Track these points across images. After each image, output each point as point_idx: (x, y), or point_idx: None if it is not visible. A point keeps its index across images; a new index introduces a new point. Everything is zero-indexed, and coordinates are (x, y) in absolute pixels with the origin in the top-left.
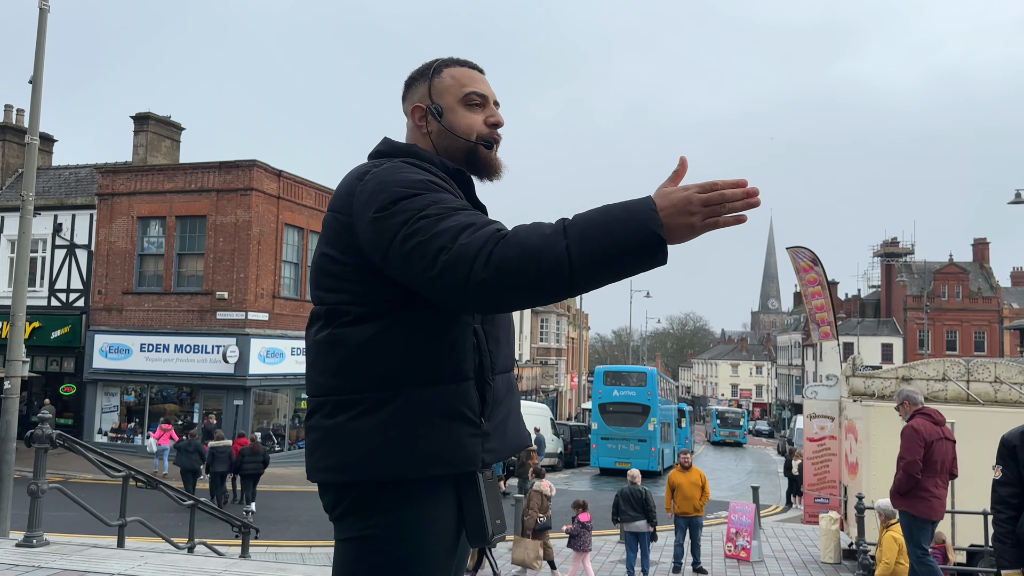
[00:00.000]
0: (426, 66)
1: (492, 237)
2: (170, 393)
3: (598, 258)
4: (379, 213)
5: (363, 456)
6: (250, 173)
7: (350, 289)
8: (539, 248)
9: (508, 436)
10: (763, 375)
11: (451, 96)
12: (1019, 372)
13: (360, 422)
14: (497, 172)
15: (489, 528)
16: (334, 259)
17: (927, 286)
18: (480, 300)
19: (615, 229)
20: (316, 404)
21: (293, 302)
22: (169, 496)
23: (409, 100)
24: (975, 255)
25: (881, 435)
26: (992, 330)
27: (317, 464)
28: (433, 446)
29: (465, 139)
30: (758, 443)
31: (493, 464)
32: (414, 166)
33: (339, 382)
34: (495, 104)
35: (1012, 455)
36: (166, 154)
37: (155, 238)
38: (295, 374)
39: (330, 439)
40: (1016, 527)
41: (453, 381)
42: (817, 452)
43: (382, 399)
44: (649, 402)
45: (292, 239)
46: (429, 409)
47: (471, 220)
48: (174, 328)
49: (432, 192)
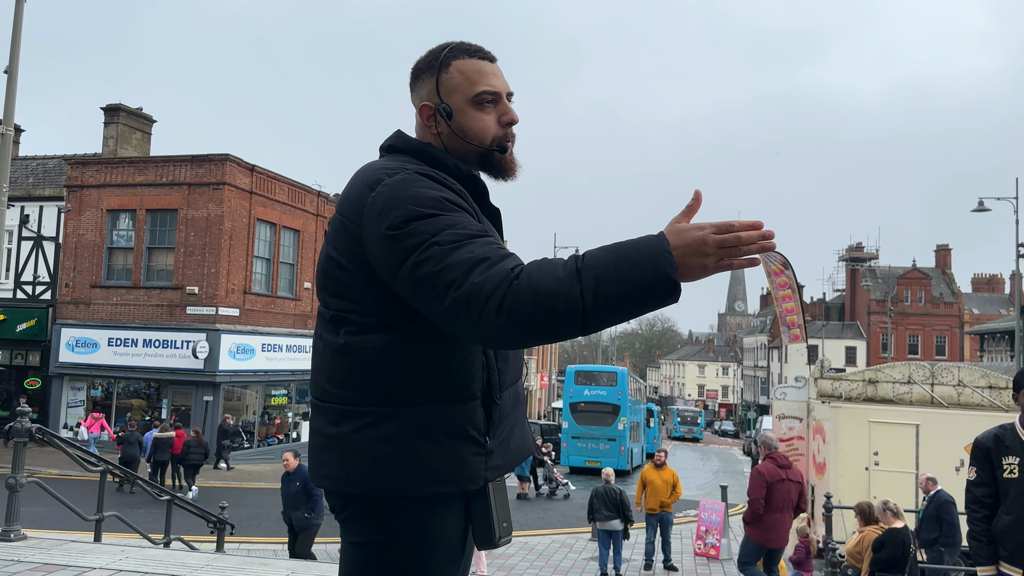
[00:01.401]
0: (433, 55)
1: (506, 279)
2: (138, 388)
3: (612, 301)
4: (390, 232)
5: (365, 470)
6: (222, 167)
7: (356, 298)
8: (553, 293)
9: (512, 449)
10: (729, 376)
11: (460, 96)
12: (981, 376)
13: (363, 435)
14: (513, 173)
15: (497, 532)
16: (340, 265)
17: (891, 291)
18: (489, 341)
19: (628, 272)
20: (322, 409)
21: (264, 298)
22: (146, 491)
23: (416, 94)
24: (937, 261)
25: (849, 436)
26: (953, 335)
27: (321, 470)
28: (435, 464)
29: (478, 145)
30: (724, 443)
31: (496, 479)
32: (429, 178)
33: (344, 392)
34: (509, 97)
35: (986, 457)
36: (137, 147)
37: (125, 231)
38: (265, 370)
39: (334, 447)
40: (991, 526)
41: (460, 400)
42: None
43: (386, 414)
44: (619, 402)
45: (264, 234)
46: (433, 427)
47: (485, 253)
48: (143, 322)
49: (447, 213)
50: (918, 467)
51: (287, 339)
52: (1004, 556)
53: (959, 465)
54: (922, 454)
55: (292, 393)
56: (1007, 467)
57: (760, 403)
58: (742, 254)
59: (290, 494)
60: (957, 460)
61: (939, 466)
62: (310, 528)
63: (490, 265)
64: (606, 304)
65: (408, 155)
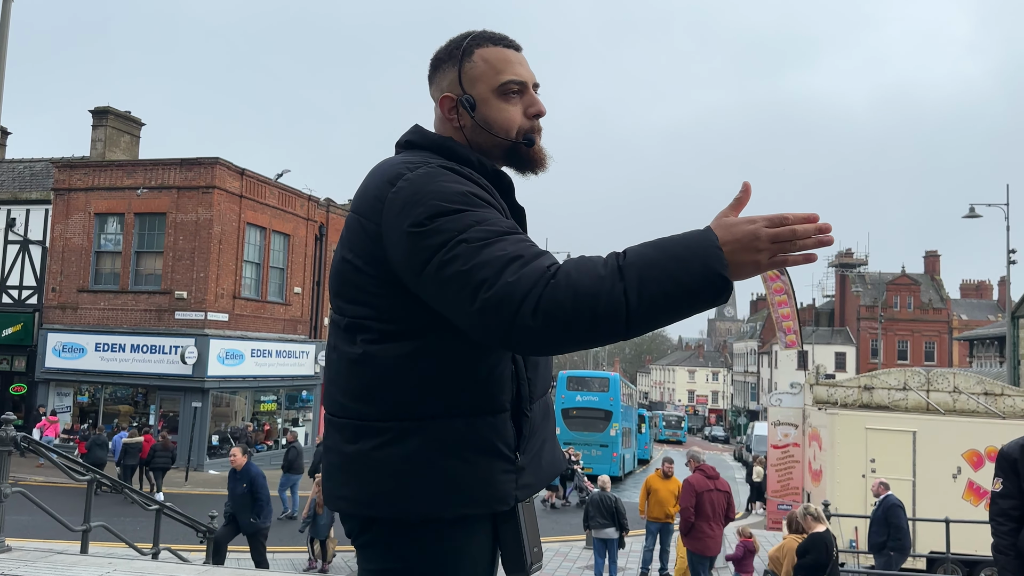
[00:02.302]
0: (455, 44)
1: (542, 277)
2: (125, 394)
3: (659, 302)
4: (414, 229)
5: (385, 490)
6: (212, 171)
7: (374, 303)
8: (594, 292)
9: (543, 466)
10: (719, 381)
11: (485, 85)
12: (977, 383)
13: (383, 452)
14: (542, 165)
15: (528, 558)
16: (357, 268)
17: (880, 296)
18: (523, 346)
19: (675, 270)
20: (337, 425)
21: (254, 303)
22: (134, 500)
23: (437, 85)
24: (926, 267)
25: (845, 443)
26: (942, 340)
27: (336, 491)
28: (462, 484)
29: (504, 137)
30: (714, 448)
31: (527, 498)
32: (453, 172)
33: (362, 406)
34: (535, 88)
35: (1012, 468)
36: (125, 150)
37: (113, 235)
38: (255, 376)
39: (351, 466)
40: (1017, 540)
41: (488, 413)
42: (781, 459)
43: (408, 429)
44: (612, 408)
45: (254, 239)
46: (461, 443)
47: (518, 251)
48: (131, 327)
49: (474, 209)
50: (915, 474)
51: (277, 344)
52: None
53: (956, 472)
54: (919, 461)
55: (282, 399)
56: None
57: (750, 408)
58: (797, 249)
59: (236, 494)
60: (954, 467)
61: (936, 473)
62: (258, 533)
63: (524, 263)
64: (652, 305)
65: (427, 150)
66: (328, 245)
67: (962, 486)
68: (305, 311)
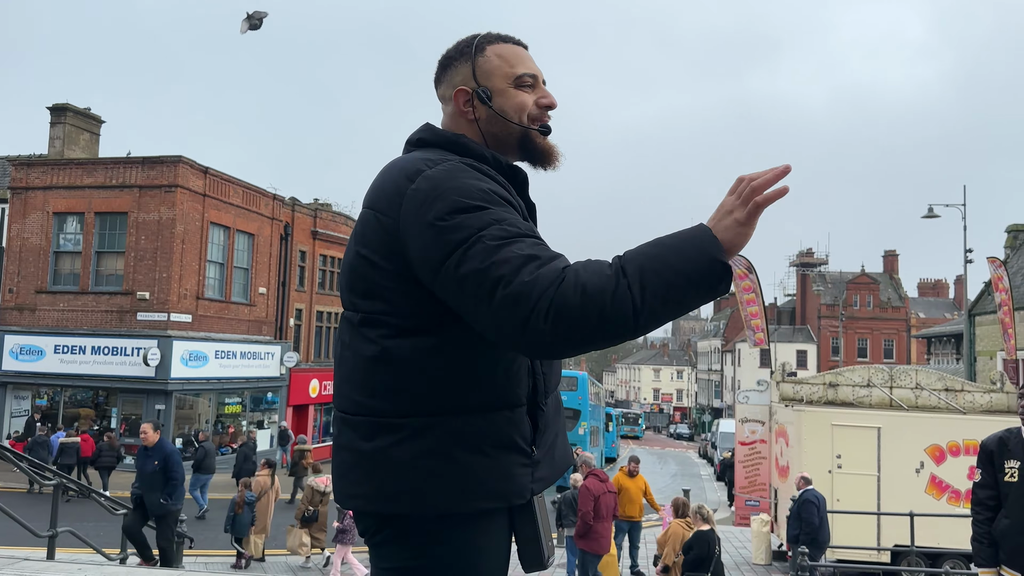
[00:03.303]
0: (465, 43)
1: (556, 279)
2: (85, 397)
3: (661, 294)
4: (434, 224)
5: (405, 486)
6: (175, 169)
7: (392, 298)
8: (600, 291)
9: (556, 460)
10: (684, 380)
11: (500, 78)
12: (938, 379)
13: (402, 449)
14: (554, 160)
15: (545, 552)
16: (373, 263)
17: (840, 295)
18: (533, 348)
19: (674, 260)
20: (352, 423)
21: (218, 303)
22: (101, 505)
23: (448, 83)
24: (885, 266)
25: (812, 439)
26: (900, 338)
27: (350, 490)
28: (482, 479)
29: (519, 124)
30: (679, 446)
31: (542, 492)
32: (471, 168)
33: (379, 403)
34: (543, 83)
35: (989, 460)
36: (85, 148)
37: (72, 235)
38: (219, 378)
39: (366, 463)
40: (992, 528)
41: (507, 408)
42: (748, 456)
43: (428, 425)
44: (580, 407)
45: (218, 238)
46: (480, 438)
47: (535, 251)
48: (91, 329)
49: (494, 207)
50: (879, 469)
51: (241, 346)
52: (1003, 559)
53: (919, 467)
54: (883, 456)
55: (246, 401)
56: (1008, 471)
57: (714, 406)
58: (762, 192)
59: (146, 472)
60: (917, 462)
61: (900, 468)
62: (168, 516)
63: (540, 264)
64: (655, 298)
65: (441, 148)
66: (293, 244)
67: (925, 480)
68: (270, 312)
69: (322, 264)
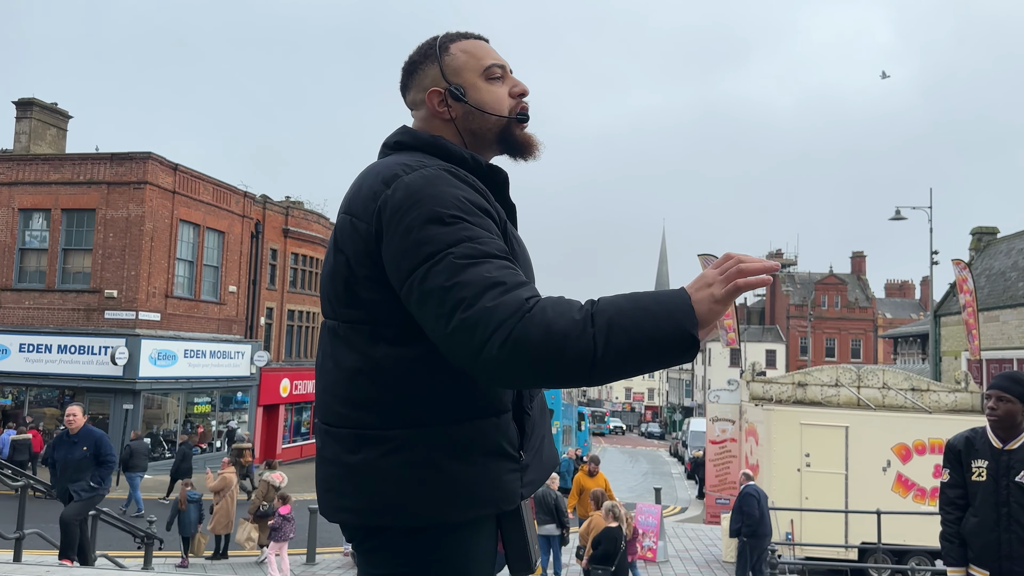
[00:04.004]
0: (427, 46)
1: (519, 310)
2: (51, 396)
3: (624, 352)
4: (407, 234)
5: (394, 499)
6: (144, 166)
7: (369, 306)
8: (564, 334)
9: (544, 462)
10: (655, 379)
11: (470, 72)
12: (904, 379)
13: (389, 461)
14: (534, 150)
15: (533, 557)
16: (351, 270)
17: (809, 296)
18: (486, 374)
19: (645, 322)
20: (335, 436)
21: (187, 302)
22: None
23: (417, 87)
24: (853, 267)
25: (781, 438)
26: (868, 338)
27: (337, 503)
28: (472, 487)
29: (497, 115)
30: (650, 444)
31: (530, 496)
32: (450, 175)
33: (363, 414)
34: (511, 72)
35: (957, 459)
36: (51, 143)
37: (38, 232)
38: (188, 377)
39: (354, 477)
40: (960, 527)
41: (493, 414)
42: (719, 454)
43: (414, 436)
44: (553, 406)
45: (188, 236)
46: (468, 446)
47: (502, 277)
48: (57, 327)
49: (469, 220)
50: (847, 468)
51: (211, 345)
52: (972, 558)
53: (886, 465)
54: (851, 455)
55: (216, 401)
56: (976, 470)
57: (685, 405)
58: (746, 276)
59: (73, 460)
60: (884, 460)
61: (867, 466)
62: (93, 498)
63: (504, 291)
64: (617, 355)
65: (419, 151)
66: (264, 242)
67: (891, 478)
68: (240, 310)
69: (293, 262)
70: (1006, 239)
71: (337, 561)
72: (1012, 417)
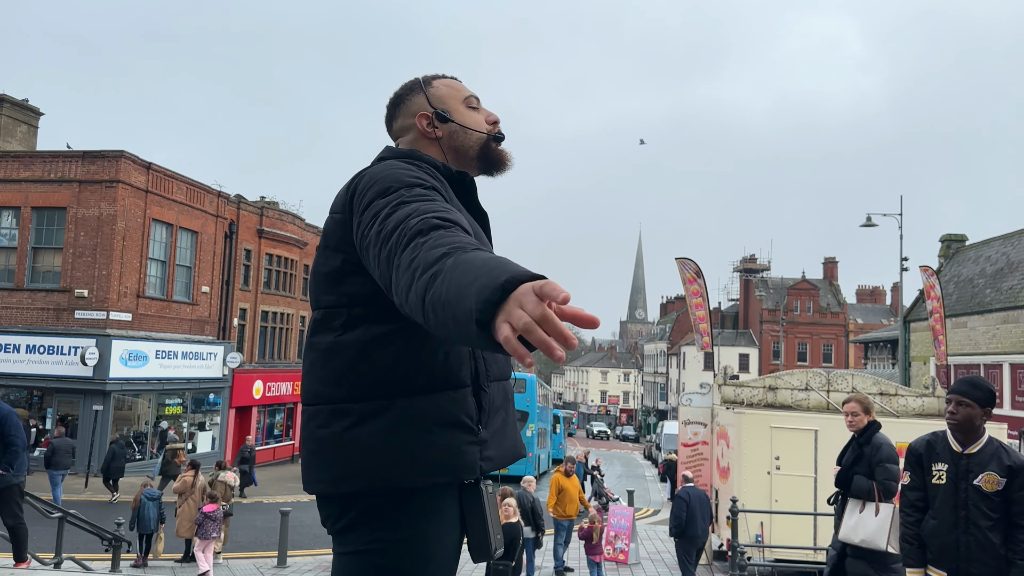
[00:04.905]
0: (410, 83)
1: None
2: (19, 397)
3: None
4: (367, 207)
5: (361, 466)
6: (117, 164)
7: (346, 290)
8: (428, 260)
9: (506, 445)
10: (630, 382)
11: (453, 100)
12: (873, 383)
13: (357, 431)
14: (507, 164)
15: (493, 544)
16: (328, 259)
17: (781, 300)
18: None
19: (463, 280)
20: (311, 413)
21: (159, 302)
22: (36, 508)
23: (405, 114)
24: (825, 273)
25: (752, 441)
26: (839, 343)
27: (314, 475)
28: (433, 454)
29: (478, 131)
30: (625, 447)
31: (491, 472)
32: (407, 163)
33: (334, 390)
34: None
35: (918, 462)
36: (22, 140)
37: (7, 230)
38: (159, 378)
39: (326, 450)
40: (920, 529)
41: (451, 388)
42: (691, 457)
43: (380, 407)
44: (528, 408)
45: (160, 235)
46: (428, 417)
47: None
48: (26, 327)
49: (415, 187)
50: (816, 471)
51: (182, 346)
52: (931, 559)
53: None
54: (820, 458)
55: (187, 402)
56: (936, 473)
57: (659, 408)
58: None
59: None
60: None
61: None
62: (9, 488)
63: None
64: (431, 305)
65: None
66: (238, 242)
67: None
68: (213, 311)
69: (268, 263)
70: (974, 246)
71: (308, 564)
72: (971, 421)
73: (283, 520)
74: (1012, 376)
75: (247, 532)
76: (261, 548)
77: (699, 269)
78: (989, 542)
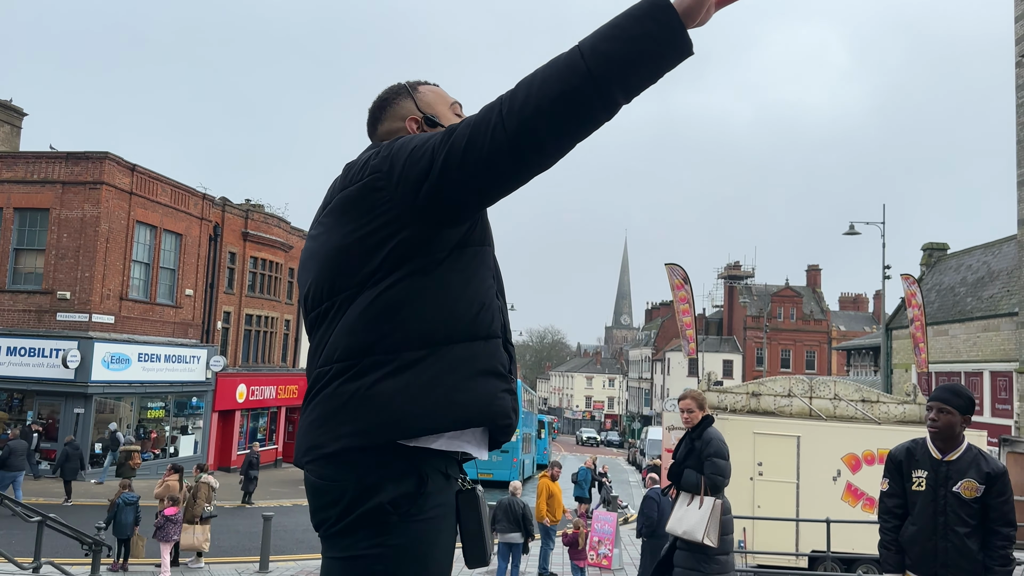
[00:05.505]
0: (395, 88)
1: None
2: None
3: (615, 58)
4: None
5: (397, 412)
6: (101, 166)
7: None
8: (557, 70)
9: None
10: (615, 387)
11: (441, 106)
12: (855, 390)
13: (393, 381)
14: None
15: (488, 548)
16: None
17: (765, 307)
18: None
19: (627, 24)
20: (336, 370)
21: (142, 304)
22: (14, 512)
23: (393, 117)
24: (808, 280)
25: (735, 447)
26: (822, 350)
27: (335, 432)
28: (471, 399)
29: None
30: (609, 453)
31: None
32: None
33: (368, 345)
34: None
35: (898, 469)
36: (5, 141)
37: None
38: (141, 382)
39: (354, 402)
40: (899, 535)
41: (487, 338)
42: None
43: (418, 357)
44: None
45: (144, 237)
46: (467, 365)
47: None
48: (7, 329)
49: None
50: (799, 477)
51: (165, 348)
52: (909, 565)
53: (836, 475)
54: (802, 464)
55: (170, 406)
56: (916, 480)
57: (644, 414)
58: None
59: None
60: (834, 470)
61: (818, 476)
62: None
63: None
64: (609, 62)
65: None
66: (223, 245)
67: (841, 488)
68: (197, 314)
69: (252, 266)
70: (956, 255)
71: (291, 569)
72: (951, 428)
73: (266, 525)
74: (992, 384)
75: (229, 537)
76: (243, 553)
77: (687, 275)
78: (967, 548)
